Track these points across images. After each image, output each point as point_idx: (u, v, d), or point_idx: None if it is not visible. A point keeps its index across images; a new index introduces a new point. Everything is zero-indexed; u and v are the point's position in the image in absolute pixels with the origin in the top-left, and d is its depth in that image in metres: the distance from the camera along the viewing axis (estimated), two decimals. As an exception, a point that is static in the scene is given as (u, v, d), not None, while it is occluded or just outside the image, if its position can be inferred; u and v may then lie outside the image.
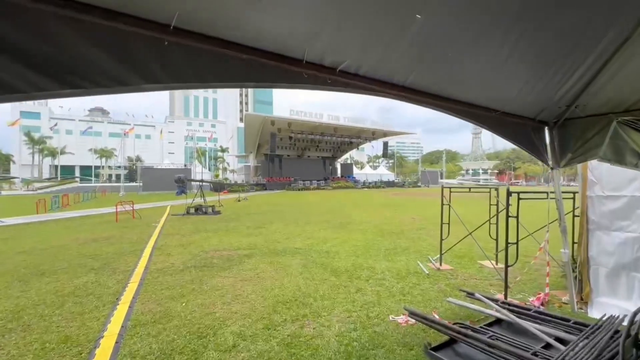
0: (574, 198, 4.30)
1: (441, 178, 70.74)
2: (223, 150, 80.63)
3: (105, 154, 67.61)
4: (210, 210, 14.49)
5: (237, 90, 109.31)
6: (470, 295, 3.57)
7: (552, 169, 3.62)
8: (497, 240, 5.59)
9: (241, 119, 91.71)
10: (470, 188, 8.36)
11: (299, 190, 39.90)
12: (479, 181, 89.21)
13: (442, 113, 2.64)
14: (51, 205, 16.74)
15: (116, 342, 2.91)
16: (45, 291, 4.30)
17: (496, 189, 5.97)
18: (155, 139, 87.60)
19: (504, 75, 2.37)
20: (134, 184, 39.81)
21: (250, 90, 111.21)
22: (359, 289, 4.35)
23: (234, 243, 7.50)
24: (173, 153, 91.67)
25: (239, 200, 21.90)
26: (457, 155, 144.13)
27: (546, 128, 3.50)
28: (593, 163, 3.63)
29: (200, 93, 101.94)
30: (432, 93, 2.42)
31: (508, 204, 3.88)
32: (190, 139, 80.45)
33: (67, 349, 2.81)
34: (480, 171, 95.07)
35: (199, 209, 14.25)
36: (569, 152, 3.41)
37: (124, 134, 38.65)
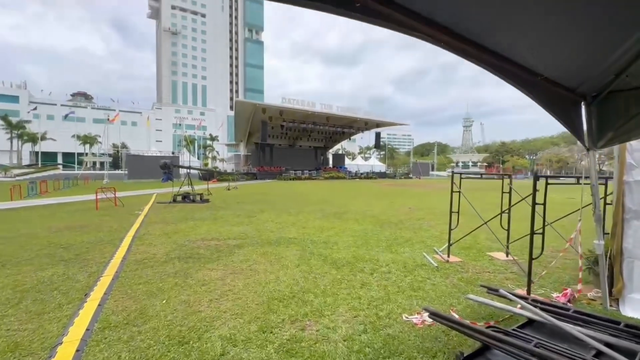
0: (605, 184, 3.91)
1: (432, 170, 71.17)
2: (213, 139, 78.92)
3: (88, 140, 65.16)
4: (198, 198, 13.83)
5: (227, 77, 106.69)
6: (493, 291, 3.16)
7: (587, 150, 3.19)
8: (508, 230, 5.22)
9: (231, 107, 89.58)
10: (482, 174, 7.93)
11: (290, 179, 39.31)
12: (468, 174, 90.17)
13: (481, 68, 2.13)
14: (27, 191, 15.75)
15: (77, 350, 2.38)
16: (1, 286, 3.71)
17: (509, 176, 5.58)
18: (142, 125, 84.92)
19: (556, 33, 1.88)
20: (119, 171, 38.44)
21: (240, 77, 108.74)
22: (364, 283, 3.90)
23: (223, 232, 6.96)
24: (161, 141, 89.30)
25: (228, 189, 21.22)
26: (448, 147, 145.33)
27: (583, 104, 3.06)
28: (633, 144, 3.22)
29: (189, 79, 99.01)
30: (477, 42, 1.92)
31: (535, 190, 3.45)
32: (178, 126, 78.47)
33: (13, 359, 2.27)
34: (470, 164, 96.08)
35: (186, 197, 13.58)
36: (610, 131, 2.98)
37: (108, 120, 36.98)
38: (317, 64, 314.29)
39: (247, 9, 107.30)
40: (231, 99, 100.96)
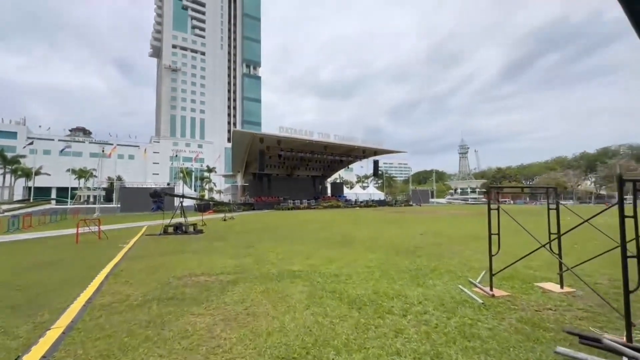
0: None
1: (432, 197, 70.47)
2: (210, 170, 78.58)
3: (83, 174, 64.39)
4: (191, 229, 12.82)
5: (225, 111, 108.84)
6: (590, 340, 2.25)
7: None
8: (559, 254, 4.34)
9: (229, 139, 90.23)
10: (522, 187, 7.10)
11: (289, 209, 38.25)
12: (467, 200, 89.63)
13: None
14: (7, 226, 14.65)
15: None
16: None
17: (554, 189, 4.82)
18: (139, 159, 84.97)
19: None
20: (112, 205, 37.27)
21: (238, 110, 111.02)
22: (398, 329, 2.95)
23: (216, 266, 5.97)
24: (157, 174, 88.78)
25: (224, 220, 20.17)
26: (445, 174, 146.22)
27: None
28: None
29: (188, 113, 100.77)
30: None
31: (622, 198, 2.63)
32: (175, 159, 78.38)
33: None
34: (469, 190, 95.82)
35: (178, 228, 12.56)
36: None
37: (103, 152, 36.51)
38: (312, 97, 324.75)
39: (245, 46, 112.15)
40: (229, 131, 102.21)
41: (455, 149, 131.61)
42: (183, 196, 13.48)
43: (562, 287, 4.27)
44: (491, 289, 4.13)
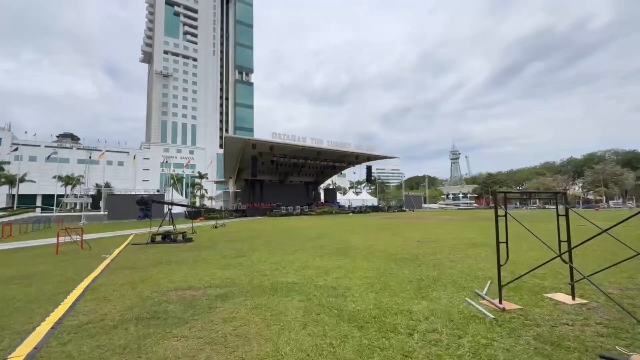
0: None
1: (425, 202, 70.71)
2: (201, 177, 77.54)
3: (70, 181, 62.71)
4: (180, 237, 12.33)
5: (217, 117, 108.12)
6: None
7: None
8: (570, 262, 4.10)
9: (221, 145, 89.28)
10: (530, 193, 6.81)
11: (281, 216, 37.76)
12: (459, 205, 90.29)
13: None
14: (-15, 236, 13.90)
15: None
16: None
17: (563, 194, 4.61)
18: (129, 165, 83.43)
19: None
20: (99, 212, 36.20)
21: (230, 116, 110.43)
22: (406, 351, 2.64)
23: (204, 278, 5.58)
24: (148, 180, 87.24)
25: (216, 227, 19.63)
26: (436, 180, 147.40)
27: None
28: None
29: (179, 119, 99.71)
30: None
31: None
32: (165, 165, 77.19)
33: None
34: (461, 195, 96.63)
35: (166, 237, 12.06)
36: None
37: (90, 158, 35.56)
38: (305, 104, 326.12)
39: (237, 52, 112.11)
40: (221, 137, 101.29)
41: (446, 154, 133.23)
42: (172, 203, 13.00)
43: (573, 298, 4.02)
44: (500, 302, 3.85)
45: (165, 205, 13.16)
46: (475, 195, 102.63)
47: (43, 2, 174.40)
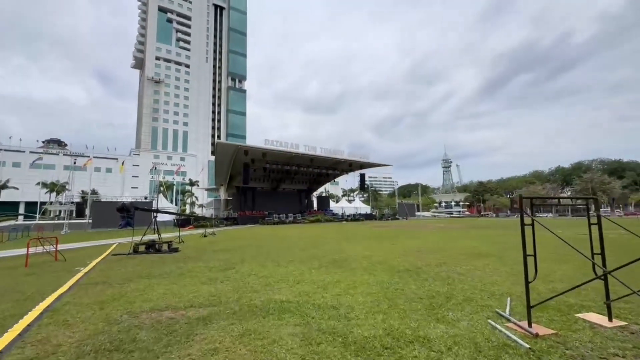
0: None
1: (418, 211, 70.62)
2: (192, 184, 76.18)
3: (55, 188, 60.70)
4: (165, 247, 11.55)
5: (209, 124, 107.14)
6: None
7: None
8: (605, 280, 3.59)
9: (213, 152, 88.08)
10: (559, 199, 6.31)
11: (274, 224, 36.91)
12: (452, 213, 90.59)
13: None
14: (-48, 246, 12.85)
15: None
16: None
17: (595, 200, 4.14)
18: (117, 172, 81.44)
19: None
20: (84, 220, 34.80)
21: (222, 123, 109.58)
22: (434, 400, 2.06)
23: (186, 295, 4.92)
24: (137, 187, 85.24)
25: (205, 236, 18.80)
26: (428, 188, 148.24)
27: None
28: None
29: (170, 125, 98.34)
30: None
31: None
32: (154, 172, 75.70)
33: None
34: (453, 203, 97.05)
35: (150, 246, 11.27)
36: None
37: (74, 164, 34.36)
38: (298, 112, 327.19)
39: (230, 60, 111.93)
40: (213, 144, 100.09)
41: (437, 163, 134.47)
42: (157, 211, 12.23)
43: (610, 319, 3.52)
44: (530, 325, 3.32)
45: (151, 213, 12.37)
46: (467, 203, 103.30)
47: (33, 8, 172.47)
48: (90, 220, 29.75)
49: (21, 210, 72.90)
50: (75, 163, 34.48)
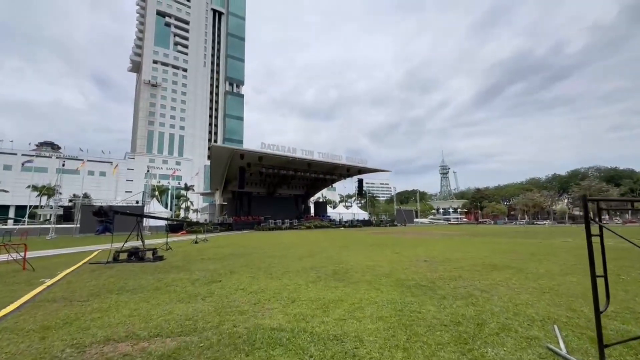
0: None
1: (416, 217, 69.81)
2: (187, 188, 74.94)
3: (47, 191, 59.24)
4: (149, 255, 10.59)
5: (206, 128, 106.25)
6: None
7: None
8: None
9: (209, 157, 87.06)
10: (633, 201, 5.43)
11: (270, 229, 35.88)
12: (449, 220, 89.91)
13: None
14: None
15: None
16: None
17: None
18: (111, 176, 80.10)
19: None
20: (72, 225, 33.53)
21: (220, 127, 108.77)
22: None
23: (156, 319, 4.01)
24: (130, 191, 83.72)
25: (196, 242, 17.79)
26: (425, 194, 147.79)
27: None
28: None
29: (167, 129, 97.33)
30: None
31: None
32: (148, 175, 74.48)
33: None
34: (451, 210, 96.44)
35: (133, 254, 10.31)
36: None
37: (63, 166, 33.23)
38: (295, 117, 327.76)
39: (228, 64, 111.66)
40: (209, 148, 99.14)
41: (433, 170, 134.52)
42: (140, 215, 11.28)
43: None
44: (605, 371, 2.46)
45: (136, 218, 11.40)
46: (465, 210, 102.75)
47: (31, 11, 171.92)
48: (78, 225, 28.57)
49: (12, 213, 71.23)
50: (64, 165, 33.28)
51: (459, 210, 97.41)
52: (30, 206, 53.80)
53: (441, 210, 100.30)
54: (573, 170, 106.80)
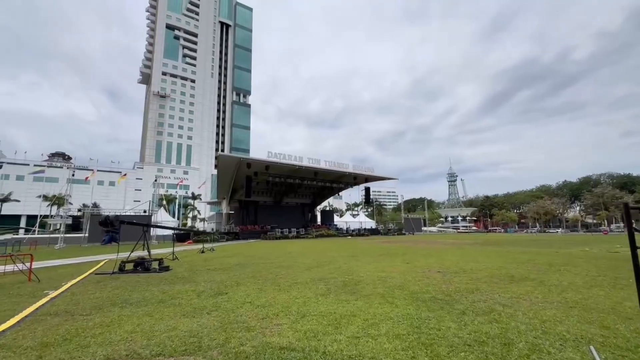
0: None
1: (424, 225, 68.82)
2: (194, 197, 75.39)
3: (57, 201, 60.13)
4: (155, 265, 10.44)
5: (213, 138, 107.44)
6: None
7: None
8: None
9: (216, 166, 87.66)
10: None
11: (276, 238, 35.61)
12: (458, 228, 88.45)
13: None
14: None
15: None
16: None
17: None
18: (120, 185, 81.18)
19: None
20: (81, 234, 33.80)
21: (227, 137, 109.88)
22: None
23: (159, 335, 3.81)
24: (139, 201, 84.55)
25: (202, 252, 17.64)
26: (433, 202, 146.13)
27: None
28: None
29: (175, 139, 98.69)
30: None
31: None
32: (156, 184, 75.23)
33: None
34: (460, 218, 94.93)
35: (139, 265, 10.17)
36: None
37: (72, 176, 33.70)
38: (301, 127, 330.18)
39: (236, 75, 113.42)
40: (217, 158, 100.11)
41: (440, 177, 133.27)
42: (147, 225, 11.19)
43: None
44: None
45: (142, 227, 11.32)
46: (474, 218, 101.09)
47: (43, 26, 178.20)
48: (87, 234, 28.74)
49: (23, 223, 72.40)
50: (73, 175, 33.73)
51: (467, 218, 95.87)
52: (41, 216, 54.57)
53: (449, 219, 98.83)
54: (584, 177, 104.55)
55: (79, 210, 52.54)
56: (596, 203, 74.65)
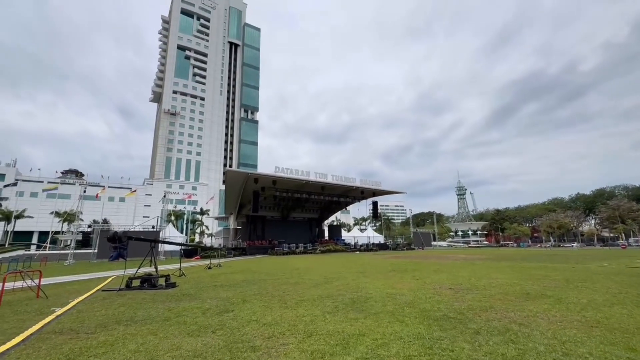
0: None
1: (434, 240, 67.52)
2: (202, 213, 75.81)
3: (69, 217, 61.15)
4: (162, 282, 10.38)
5: (222, 153, 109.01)
6: None
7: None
8: None
9: (224, 181, 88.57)
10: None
11: (284, 254, 35.28)
12: (469, 242, 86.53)
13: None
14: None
15: None
16: None
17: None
18: (130, 202, 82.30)
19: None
20: (91, 250, 34.10)
21: (235, 153, 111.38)
22: None
23: (162, 355, 3.72)
24: (148, 217, 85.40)
25: (209, 268, 17.53)
26: (442, 216, 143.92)
27: None
28: None
29: (184, 155, 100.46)
30: None
31: None
32: (164, 200, 76.00)
33: None
34: (470, 232, 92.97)
35: (146, 281, 10.13)
36: None
37: (84, 192, 34.31)
38: (308, 142, 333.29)
39: (244, 92, 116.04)
40: (224, 173, 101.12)
41: (449, 191, 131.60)
42: (154, 241, 11.20)
43: None
44: None
45: (149, 243, 11.34)
46: (485, 232, 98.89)
47: (62, 48, 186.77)
48: (96, 250, 28.96)
49: (35, 239, 73.54)
50: (85, 192, 34.37)
51: (478, 232, 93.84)
52: (53, 232, 55.43)
53: (460, 233, 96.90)
54: (598, 189, 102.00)
55: (89, 226, 53.23)
56: (612, 216, 72.39)
